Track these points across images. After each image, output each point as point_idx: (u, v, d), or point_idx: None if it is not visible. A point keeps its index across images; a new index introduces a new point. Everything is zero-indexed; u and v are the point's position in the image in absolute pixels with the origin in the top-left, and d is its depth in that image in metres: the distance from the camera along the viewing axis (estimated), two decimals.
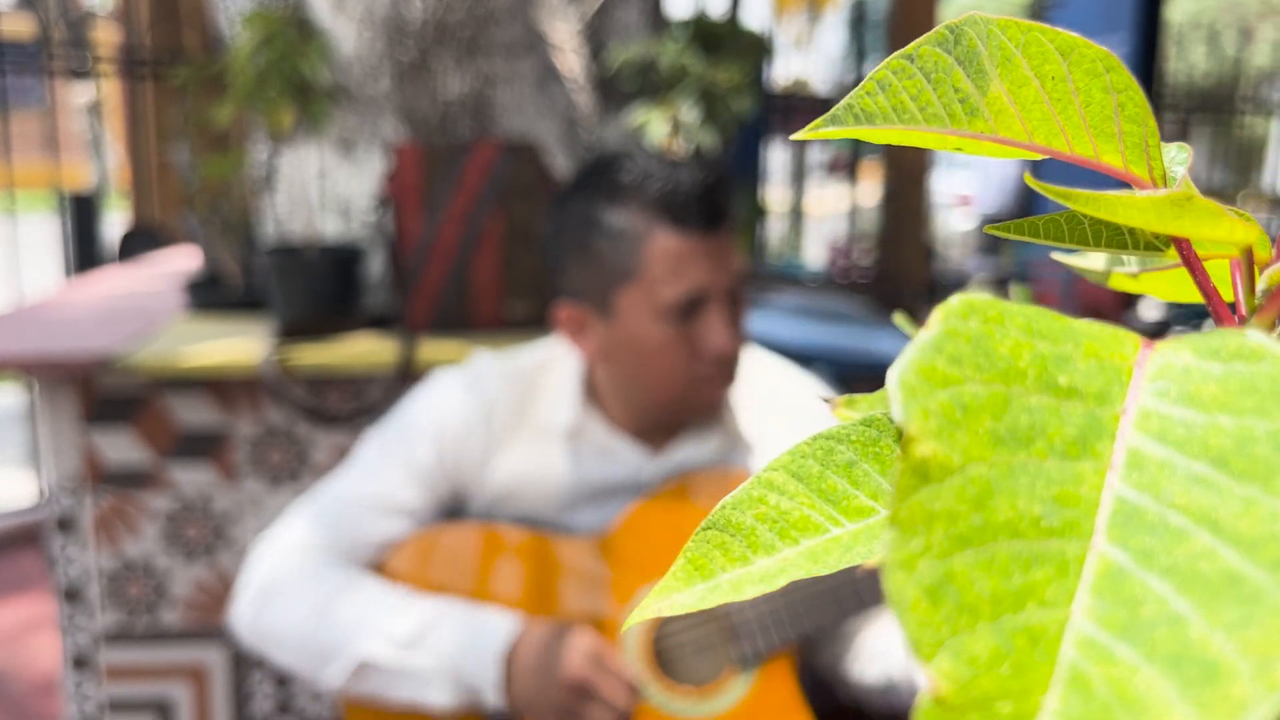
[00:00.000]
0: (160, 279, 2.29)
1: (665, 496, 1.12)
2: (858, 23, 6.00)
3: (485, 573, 1.13)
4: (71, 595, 1.61)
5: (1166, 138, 0.28)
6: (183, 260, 2.55)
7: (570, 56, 1.88)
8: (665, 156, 1.11)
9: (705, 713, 1.10)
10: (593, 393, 1.18)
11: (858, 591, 1.07)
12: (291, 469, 1.61)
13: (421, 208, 1.56)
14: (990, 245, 8.07)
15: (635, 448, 1.17)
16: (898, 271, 2.13)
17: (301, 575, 1.11)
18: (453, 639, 1.06)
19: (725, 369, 1.10)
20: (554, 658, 1.04)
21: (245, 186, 1.81)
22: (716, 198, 1.06)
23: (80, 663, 1.63)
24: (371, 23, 1.71)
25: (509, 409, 1.18)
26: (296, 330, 1.54)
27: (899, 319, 0.34)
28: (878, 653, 1.13)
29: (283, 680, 1.66)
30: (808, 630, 1.08)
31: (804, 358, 1.42)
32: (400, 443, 1.16)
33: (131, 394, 1.58)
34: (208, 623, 1.64)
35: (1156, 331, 2.77)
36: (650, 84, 1.84)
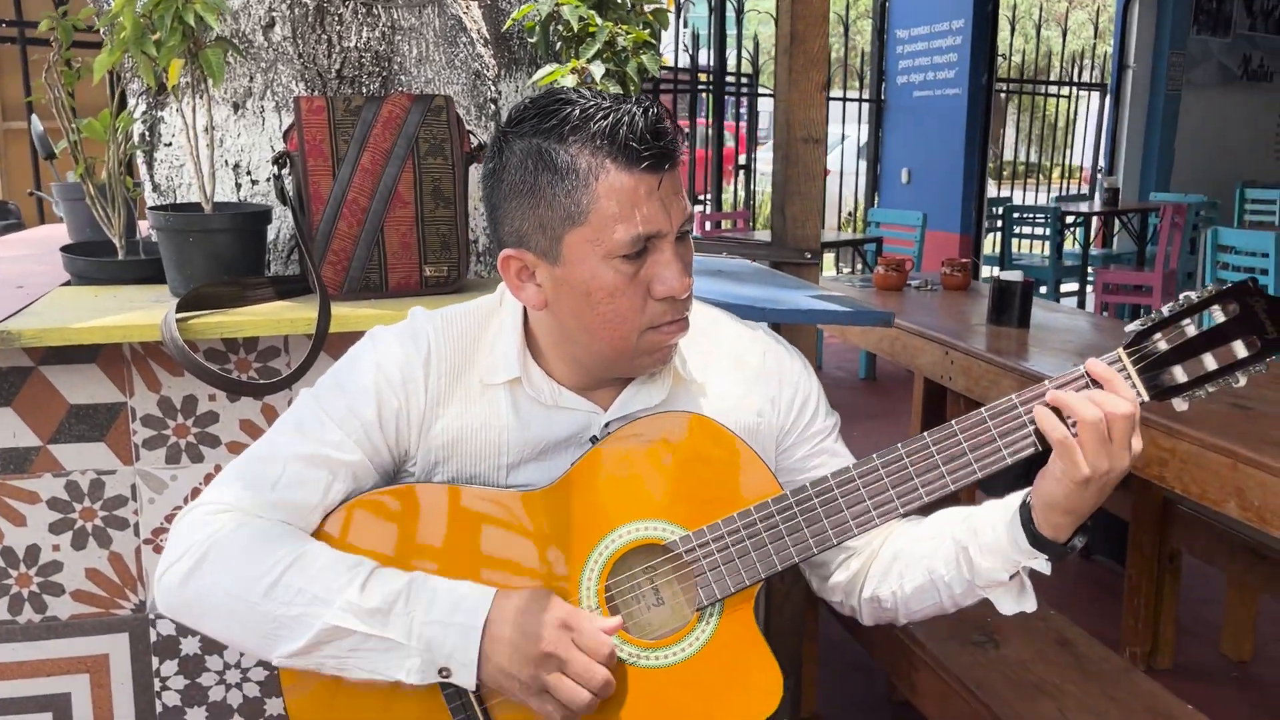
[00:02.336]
0: (28, 250, 2.11)
1: (614, 443, 1.09)
2: (720, 6, 6.10)
3: (435, 535, 1.08)
4: None
5: (997, 111, 0.25)
6: (48, 231, 2.35)
7: (474, 9, 1.82)
8: (607, 94, 1.05)
9: (668, 662, 1.08)
10: (535, 347, 1.14)
11: (821, 531, 1.07)
12: (193, 447, 1.51)
13: (328, 165, 1.48)
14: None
15: (581, 402, 1.14)
16: (795, 232, 2.16)
17: (242, 539, 1.03)
18: (427, 611, 1.01)
19: (678, 311, 1.07)
20: (528, 631, 1.00)
21: (120, 148, 1.68)
22: (665, 134, 1.01)
23: None
24: None
25: (448, 363, 1.12)
26: (198, 297, 1.44)
27: None
28: (915, 559, 1.16)
29: (192, 670, 1.56)
30: (767, 572, 1.07)
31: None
32: (338, 399, 1.10)
33: (6, 370, 1.45)
34: (103, 613, 1.52)
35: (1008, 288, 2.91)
36: (554, 40, 1.80)
